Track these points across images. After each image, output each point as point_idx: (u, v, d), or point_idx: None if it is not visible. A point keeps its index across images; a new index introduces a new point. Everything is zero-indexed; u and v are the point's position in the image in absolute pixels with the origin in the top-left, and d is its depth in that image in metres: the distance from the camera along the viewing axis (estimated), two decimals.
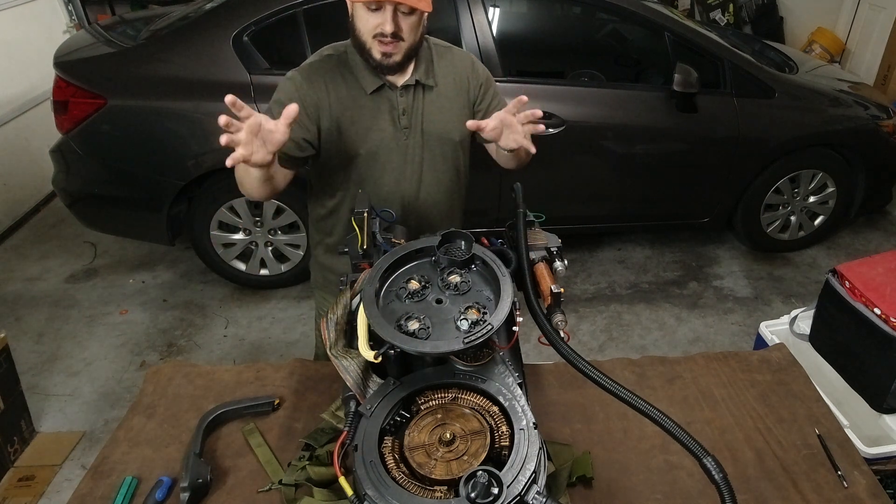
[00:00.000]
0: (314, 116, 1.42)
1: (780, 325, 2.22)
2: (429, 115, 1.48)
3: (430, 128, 1.49)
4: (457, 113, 1.51)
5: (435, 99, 1.48)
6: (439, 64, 1.49)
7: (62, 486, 2.21)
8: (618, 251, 3.58)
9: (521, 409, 0.91)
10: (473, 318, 0.93)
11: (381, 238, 1.18)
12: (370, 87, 1.42)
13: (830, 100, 3.25)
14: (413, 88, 1.45)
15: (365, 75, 1.42)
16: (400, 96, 1.44)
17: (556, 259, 1.12)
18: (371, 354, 0.94)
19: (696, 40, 3.02)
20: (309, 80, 1.42)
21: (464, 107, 1.53)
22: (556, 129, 2.87)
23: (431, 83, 1.47)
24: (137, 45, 2.84)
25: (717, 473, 0.79)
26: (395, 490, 0.81)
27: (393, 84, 1.44)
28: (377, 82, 1.42)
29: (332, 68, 1.44)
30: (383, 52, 1.35)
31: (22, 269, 3.45)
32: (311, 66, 1.44)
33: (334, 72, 1.44)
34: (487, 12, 2.81)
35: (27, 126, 3.91)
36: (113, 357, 2.81)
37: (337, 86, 1.43)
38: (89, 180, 2.86)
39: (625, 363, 1.42)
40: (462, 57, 1.55)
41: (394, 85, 1.44)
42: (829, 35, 5.42)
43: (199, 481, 1.08)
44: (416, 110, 1.47)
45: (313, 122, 1.42)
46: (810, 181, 3.29)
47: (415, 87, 1.45)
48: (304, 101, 1.39)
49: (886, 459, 1.74)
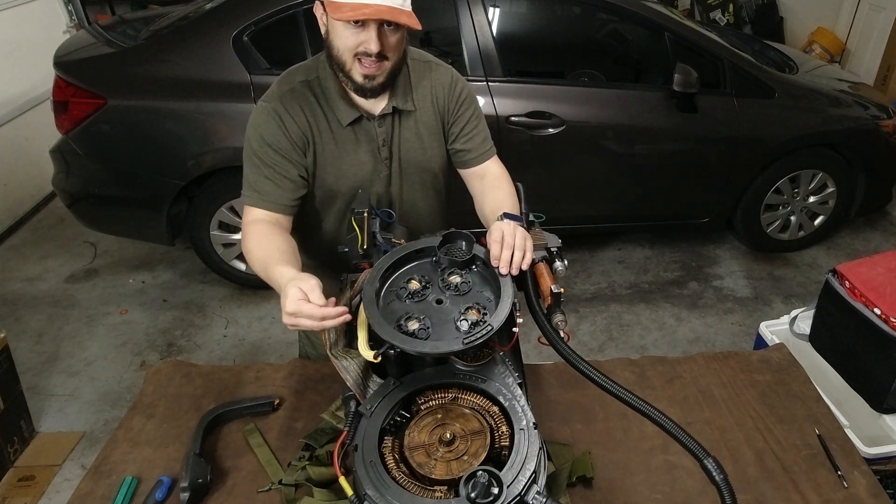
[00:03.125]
0: (302, 149, 1.32)
1: (780, 325, 2.22)
2: (406, 142, 1.39)
3: (409, 156, 1.40)
4: (436, 139, 1.42)
5: (413, 125, 1.38)
6: (418, 85, 1.38)
7: (62, 486, 2.21)
8: (618, 251, 3.58)
9: (521, 409, 0.91)
10: (473, 319, 0.93)
11: (381, 238, 1.18)
12: (346, 119, 1.32)
13: (830, 100, 3.25)
14: (391, 116, 1.35)
15: (340, 105, 1.31)
16: (378, 126, 1.34)
17: (556, 259, 1.12)
18: (371, 354, 0.94)
19: (696, 40, 3.02)
20: (290, 112, 1.30)
21: (441, 131, 1.43)
22: (556, 129, 2.87)
23: (410, 108, 1.36)
24: (137, 45, 2.83)
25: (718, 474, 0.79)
26: (395, 490, 0.81)
27: (370, 114, 1.33)
28: (354, 113, 1.32)
29: (307, 96, 1.32)
30: (365, 73, 1.23)
31: (22, 269, 3.45)
32: (287, 95, 1.31)
33: (310, 100, 1.32)
34: (487, 12, 2.81)
35: (27, 126, 3.91)
36: (113, 357, 2.81)
37: (316, 117, 1.32)
38: (89, 180, 2.86)
39: (625, 363, 1.42)
40: (441, 73, 1.42)
41: (371, 115, 1.33)
42: (829, 35, 5.42)
43: (199, 481, 1.08)
44: (395, 139, 1.38)
45: (303, 154, 1.33)
46: (810, 181, 3.29)
47: (392, 114, 1.35)
48: (290, 136, 1.30)
49: (886, 459, 1.74)
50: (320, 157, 1.34)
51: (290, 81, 1.34)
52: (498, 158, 1.50)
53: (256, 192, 1.31)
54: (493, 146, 1.50)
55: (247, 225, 1.32)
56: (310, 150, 1.33)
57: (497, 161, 1.50)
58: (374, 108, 1.33)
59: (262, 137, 1.30)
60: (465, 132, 1.43)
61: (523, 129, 2.85)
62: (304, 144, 1.32)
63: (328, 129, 1.33)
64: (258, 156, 1.30)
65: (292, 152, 1.31)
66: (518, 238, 1.06)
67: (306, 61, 1.38)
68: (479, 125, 1.46)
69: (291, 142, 1.30)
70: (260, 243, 1.25)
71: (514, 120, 2.83)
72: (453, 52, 2.93)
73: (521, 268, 1.05)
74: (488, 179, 1.44)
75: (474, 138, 1.45)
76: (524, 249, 1.06)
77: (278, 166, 1.30)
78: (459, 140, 1.44)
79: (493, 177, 1.45)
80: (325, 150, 1.34)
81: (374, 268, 1.02)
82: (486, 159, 1.47)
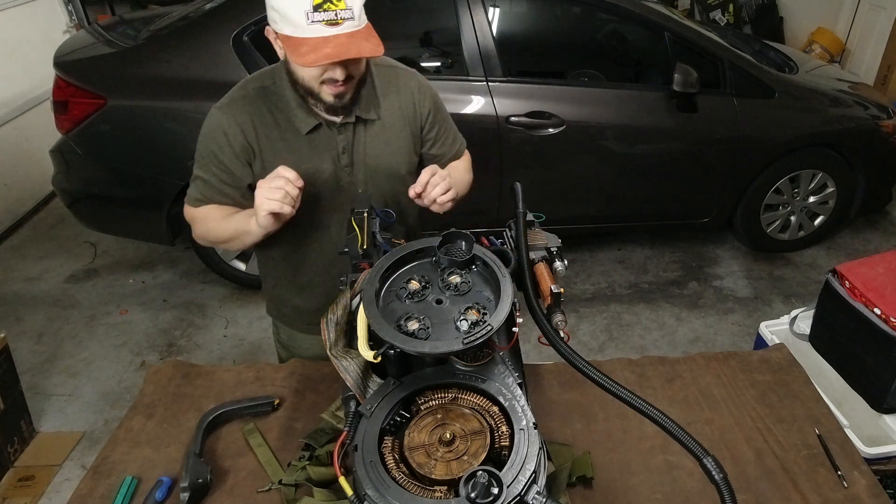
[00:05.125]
0: (246, 161, 1.32)
1: (780, 325, 2.22)
2: (372, 149, 1.37)
3: (375, 163, 1.38)
4: (403, 145, 1.41)
5: (379, 132, 1.37)
6: (384, 92, 1.37)
7: (62, 486, 2.21)
8: (618, 251, 3.58)
9: (521, 409, 0.91)
10: (473, 319, 0.93)
11: (381, 238, 1.18)
12: (305, 127, 1.30)
13: (830, 100, 3.25)
14: (353, 125, 1.33)
15: (298, 114, 1.30)
16: (339, 134, 1.33)
17: (556, 259, 1.12)
18: (371, 354, 0.94)
19: (696, 40, 3.02)
20: (234, 121, 1.29)
21: (410, 137, 1.42)
22: (556, 129, 2.87)
23: (374, 116, 1.35)
24: (137, 45, 2.84)
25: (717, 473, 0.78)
26: (395, 490, 0.81)
27: (331, 122, 1.31)
28: (312, 122, 1.30)
29: (259, 105, 1.30)
30: (336, 94, 1.23)
31: (22, 269, 3.45)
32: (234, 104, 1.31)
33: (262, 109, 1.30)
34: (487, 12, 2.81)
35: (27, 126, 3.91)
36: (113, 357, 2.81)
37: (266, 126, 1.31)
38: (89, 180, 2.86)
39: (625, 363, 1.42)
40: (407, 79, 1.41)
41: (332, 122, 1.31)
42: (829, 35, 5.42)
43: (199, 481, 1.08)
44: (357, 146, 1.36)
45: (246, 165, 1.32)
46: (810, 181, 3.29)
47: (355, 123, 1.33)
48: (232, 145, 1.30)
49: (886, 459, 1.74)
50: (271, 166, 1.28)
51: (244, 87, 1.33)
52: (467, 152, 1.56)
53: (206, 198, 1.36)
54: (463, 140, 1.54)
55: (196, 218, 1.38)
56: (256, 160, 1.32)
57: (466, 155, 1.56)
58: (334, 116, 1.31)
59: (207, 146, 1.32)
60: (439, 136, 1.46)
61: (523, 129, 2.85)
62: (247, 156, 1.32)
63: (280, 139, 1.31)
64: (207, 164, 1.33)
65: (235, 163, 1.31)
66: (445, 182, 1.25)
67: (267, 67, 1.38)
68: (448, 125, 1.49)
69: (234, 154, 1.31)
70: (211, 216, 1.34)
71: (514, 120, 2.82)
72: (453, 52, 2.93)
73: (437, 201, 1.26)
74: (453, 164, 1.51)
75: (446, 142, 1.49)
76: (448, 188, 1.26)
77: (223, 176, 1.33)
78: (435, 146, 1.47)
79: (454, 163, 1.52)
80: (276, 159, 1.30)
81: (374, 268, 1.02)
82: (457, 158, 1.52)
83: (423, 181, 1.26)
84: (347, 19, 1.13)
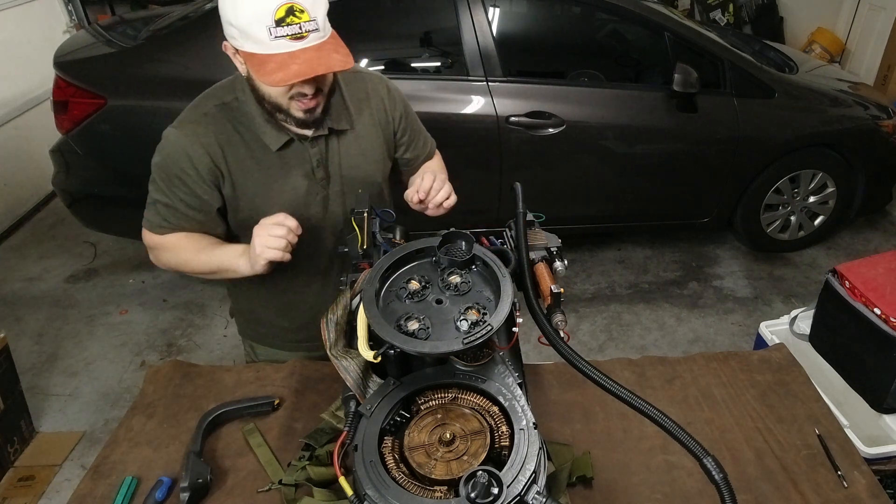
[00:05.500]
0: (214, 184, 1.25)
1: (780, 325, 2.22)
2: (348, 160, 1.33)
3: (351, 173, 1.34)
4: (378, 152, 1.38)
5: (353, 141, 1.33)
6: (352, 100, 1.33)
7: (62, 486, 2.21)
8: (618, 251, 3.58)
9: (521, 409, 0.91)
10: (473, 319, 0.93)
11: (381, 238, 1.18)
12: (275, 144, 1.24)
13: (830, 100, 3.25)
14: (325, 137, 1.29)
15: (267, 131, 1.23)
16: (311, 147, 1.28)
17: (556, 259, 1.12)
18: (371, 354, 0.94)
19: (696, 40, 3.02)
20: (197, 142, 1.21)
21: (384, 143, 1.39)
22: (556, 129, 2.87)
23: (346, 126, 1.30)
24: (137, 45, 2.83)
25: (717, 473, 0.78)
26: (395, 490, 0.81)
27: (302, 136, 1.26)
28: (283, 138, 1.24)
29: (222, 124, 1.23)
30: (306, 108, 1.18)
31: (22, 269, 3.45)
32: (195, 124, 1.23)
33: (226, 128, 1.23)
34: (487, 12, 2.81)
35: (27, 126, 3.91)
36: (113, 357, 2.81)
37: (233, 145, 1.24)
38: (89, 180, 2.86)
39: (625, 363, 1.42)
40: (374, 84, 1.38)
41: (303, 136, 1.26)
42: (829, 35, 5.42)
43: (199, 481, 1.08)
44: (332, 158, 1.31)
45: (214, 188, 1.26)
46: (810, 181, 3.29)
47: (327, 135, 1.29)
48: (197, 168, 1.22)
49: (886, 459, 1.74)
50: (242, 187, 1.26)
51: (203, 105, 1.25)
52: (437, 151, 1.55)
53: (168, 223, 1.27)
54: (433, 140, 1.53)
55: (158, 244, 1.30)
56: (225, 182, 1.26)
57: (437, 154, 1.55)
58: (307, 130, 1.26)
59: (168, 169, 1.23)
60: (412, 140, 1.45)
61: (523, 129, 2.84)
62: (215, 179, 1.25)
63: (249, 157, 1.25)
64: (169, 189, 1.24)
65: (202, 188, 1.24)
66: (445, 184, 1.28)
67: (223, 81, 1.29)
68: (418, 127, 1.47)
69: (200, 177, 1.23)
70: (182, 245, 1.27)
71: (514, 120, 2.82)
72: (453, 52, 2.93)
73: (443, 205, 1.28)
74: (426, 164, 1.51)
75: (418, 144, 1.48)
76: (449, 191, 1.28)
77: (189, 201, 1.25)
78: (409, 150, 1.46)
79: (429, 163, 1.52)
80: (247, 180, 1.26)
81: (373, 268, 1.02)
82: (429, 158, 1.52)
83: (426, 188, 1.26)
84: (312, 31, 1.07)
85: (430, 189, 1.26)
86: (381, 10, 3.05)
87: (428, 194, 1.27)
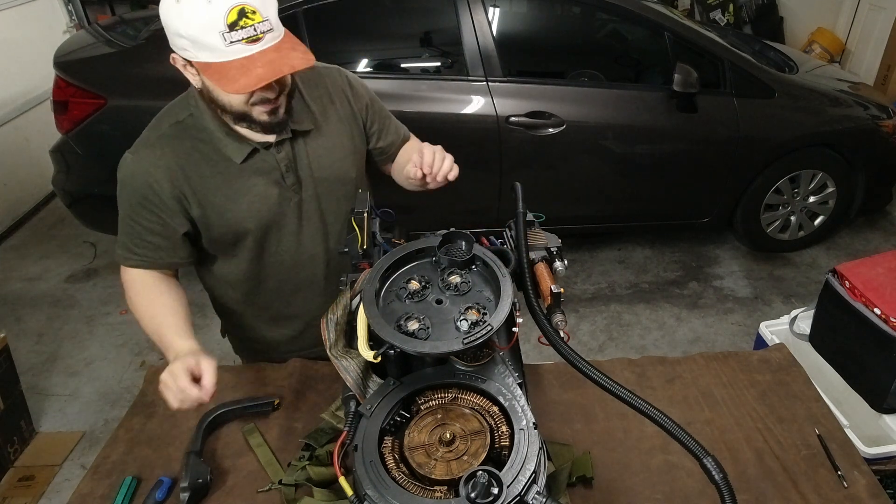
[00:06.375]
0: (180, 206, 1.20)
1: (780, 325, 2.22)
2: (317, 160, 1.28)
3: (323, 174, 1.30)
4: (347, 148, 1.33)
5: (319, 141, 1.28)
6: (312, 97, 1.28)
7: (62, 486, 2.21)
8: (618, 251, 3.58)
9: (521, 409, 0.91)
10: (473, 319, 0.93)
11: (381, 238, 1.18)
12: (240, 156, 1.20)
13: (830, 100, 3.25)
14: (290, 140, 1.24)
15: (228, 143, 1.19)
16: (278, 153, 1.23)
17: (556, 259, 1.12)
18: (371, 355, 0.94)
19: (696, 40, 3.02)
20: (157, 165, 1.17)
21: (352, 137, 1.35)
22: (556, 129, 2.87)
23: (309, 126, 1.26)
24: (137, 45, 2.84)
25: (717, 474, 0.78)
26: (395, 490, 0.81)
27: (265, 143, 1.21)
28: (246, 149, 1.20)
29: (180, 143, 1.19)
30: (269, 111, 1.14)
31: (22, 269, 3.45)
32: (152, 147, 1.19)
33: (185, 147, 1.19)
34: (487, 12, 2.81)
35: (27, 126, 3.91)
36: (113, 357, 2.81)
37: (195, 164, 1.19)
38: (89, 180, 2.86)
39: (625, 363, 1.42)
40: (334, 78, 1.33)
41: (266, 144, 1.22)
42: (829, 35, 5.42)
43: (199, 481, 1.08)
44: (301, 161, 1.27)
45: (182, 212, 1.21)
46: (810, 181, 3.29)
47: (292, 138, 1.24)
48: (160, 195, 1.18)
49: (886, 459, 1.74)
50: (210, 205, 1.22)
51: (157, 128, 1.21)
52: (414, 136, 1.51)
53: (134, 253, 1.23)
54: (404, 126, 1.49)
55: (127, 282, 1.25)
56: (191, 203, 1.21)
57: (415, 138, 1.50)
58: (268, 136, 1.21)
59: (129, 198, 1.20)
60: (383, 127, 1.41)
61: (523, 129, 2.85)
62: (180, 202, 1.20)
63: (213, 173, 1.21)
64: (131, 217, 1.21)
65: (166, 212, 1.20)
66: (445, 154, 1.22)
67: (175, 99, 1.25)
68: (386, 114, 1.43)
69: (162, 202, 1.19)
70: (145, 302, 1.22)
71: (514, 120, 2.82)
72: (453, 52, 2.93)
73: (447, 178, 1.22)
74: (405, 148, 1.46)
75: (390, 131, 1.44)
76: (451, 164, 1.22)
77: (155, 227, 1.21)
78: (381, 138, 1.42)
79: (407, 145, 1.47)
80: (215, 196, 1.22)
81: (373, 268, 1.02)
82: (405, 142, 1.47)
83: (429, 161, 1.21)
84: (267, 32, 1.04)
85: (431, 163, 1.21)
86: (381, 10, 3.05)
87: (432, 168, 1.22)
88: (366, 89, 1.38)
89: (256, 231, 1.28)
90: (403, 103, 2.75)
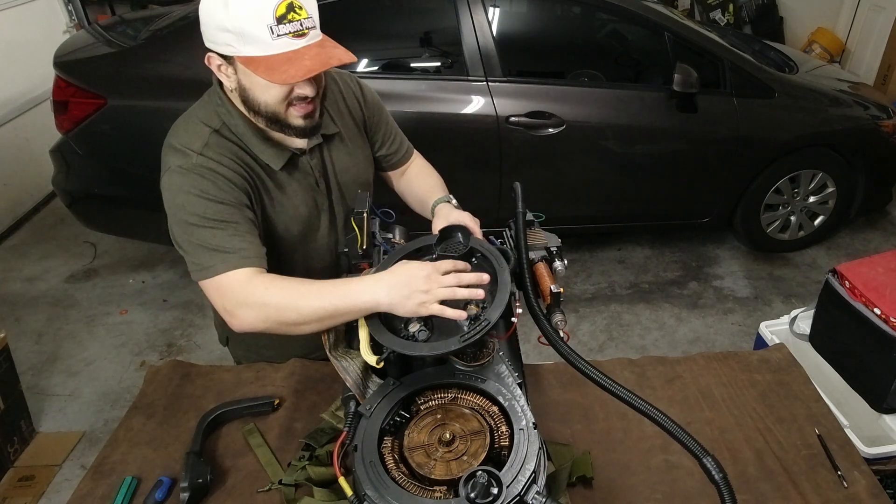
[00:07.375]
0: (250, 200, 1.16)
1: (780, 325, 2.22)
2: (341, 165, 1.30)
3: (347, 178, 1.31)
4: (363, 150, 1.36)
5: (341, 145, 1.30)
6: (329, 103, 1.27)
7: (62, 486, 2.21)
8: (618, 251, 3.58)
9: (520, 409, 0.91)
10: (473, 313, 0.93)
11: (380, 238, 1.18)
12: (279, 163, 1.18)
13: (830, 100, 3.25)
14: (319, 146, 1.25)
15: (265, 150, 1.17)
16: (311, 160, 1.24)
17: (556, 259, 1.12)
18: (374, 359, 0.94)
19: (696, 40, 3.02)
20: (224, 167, 1.12)
21: (366, 141, 1.37)
22: (556, 129, 2.87)
23: (334, 129, 1.27)
24: (137, 45, 2.83)
25: (717, 473, 0.79)
26: (395, 490, 0.81)
27: (300, 149, 1.22)
28: (285, 155, 1.19)
29: (229, 146, 1.15)
30: (305, 114, 1.12)
31: (22, 269, 3.45)
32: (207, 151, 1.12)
33: (234, 149, 1.15)
34: (487, 12, 2.81)
35: (27, 126, 3.91)
36: (113, 357, 2.81)
37: (248, 165, 1.16)
38: (89, 180, 2.86)
39: (625, 363, 1.42)
40: (347, 81, 1.34)
41: (301, 150, 1.22)
42: (829, 35, 5.42)
43: (199, 481, 1.08)
44: (328, 167, 1.28)
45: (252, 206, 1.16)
46: (810, 181, 3.29)
47: (320, 144, 1.25)
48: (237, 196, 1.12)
49: (886, 459, 1.74)
50: (267, 207, 1.20)
51: (198, 135, 1.13)
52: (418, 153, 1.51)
53: (230, 253, 1.07)
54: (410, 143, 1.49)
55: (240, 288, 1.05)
56: (255, 200, 1.17)
57: (419, 155, 1.51)
58: (301, 141, 1.20)
59: (206, 198, 1.08)
60: (387, 137, 1.41)
61: (523, 129, 2.84)
62: (248, 194, 1.15)
63: (263, 176, 1.19)
64: (211, 219, 1.08)
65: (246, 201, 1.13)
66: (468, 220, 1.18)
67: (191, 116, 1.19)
68: (392, 123, 1.43)
69: (238, 193, 1.12)
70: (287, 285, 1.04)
71: (514, 120, 2.82)
72: (453, 52, 2.93)
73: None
74: (413, 169, 1.46)
75: (395, 141, 1.44)
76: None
77: (241, 221, 1.11)
78: (385, 146, 1.43)
79: (418, 167, 1.47)
80: (269, 199, 1.21)
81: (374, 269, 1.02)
82: (409, 157, 1.48)
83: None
84: (311, 28, 1.05)
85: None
86: (381, 10, 3.05)
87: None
88: (374, 96, 1.39)
89: (297, 237, 1.28)
90: (403, 103, 2.75)
